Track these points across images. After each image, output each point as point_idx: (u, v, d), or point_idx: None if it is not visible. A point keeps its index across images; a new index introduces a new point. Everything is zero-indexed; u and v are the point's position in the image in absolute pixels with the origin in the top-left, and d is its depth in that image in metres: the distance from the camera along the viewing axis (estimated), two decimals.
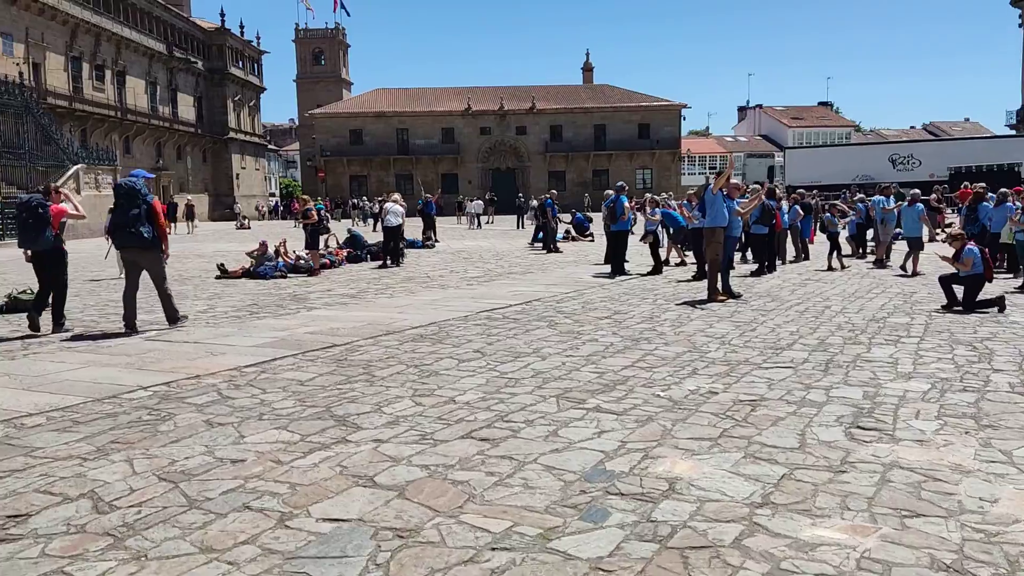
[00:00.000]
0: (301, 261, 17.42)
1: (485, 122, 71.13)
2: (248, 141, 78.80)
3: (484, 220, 45.62)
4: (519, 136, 71.46)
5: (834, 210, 18.25)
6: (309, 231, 17.60)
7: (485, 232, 38.04)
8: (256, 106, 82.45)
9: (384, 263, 18.80)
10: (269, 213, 73.39)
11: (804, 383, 6.34)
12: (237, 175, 74.83)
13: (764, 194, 16.08)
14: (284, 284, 15.15)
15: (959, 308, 10.34)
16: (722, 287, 11.73)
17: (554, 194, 24.68)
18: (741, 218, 12.80)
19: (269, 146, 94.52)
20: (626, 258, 16.18)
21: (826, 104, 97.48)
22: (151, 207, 9.36)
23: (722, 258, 11.66)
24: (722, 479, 4.19)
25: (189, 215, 43.76)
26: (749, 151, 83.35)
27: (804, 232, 19.45)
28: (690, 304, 11.24)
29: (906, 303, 11.15)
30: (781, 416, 5.38)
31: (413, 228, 24.60)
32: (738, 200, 12.57)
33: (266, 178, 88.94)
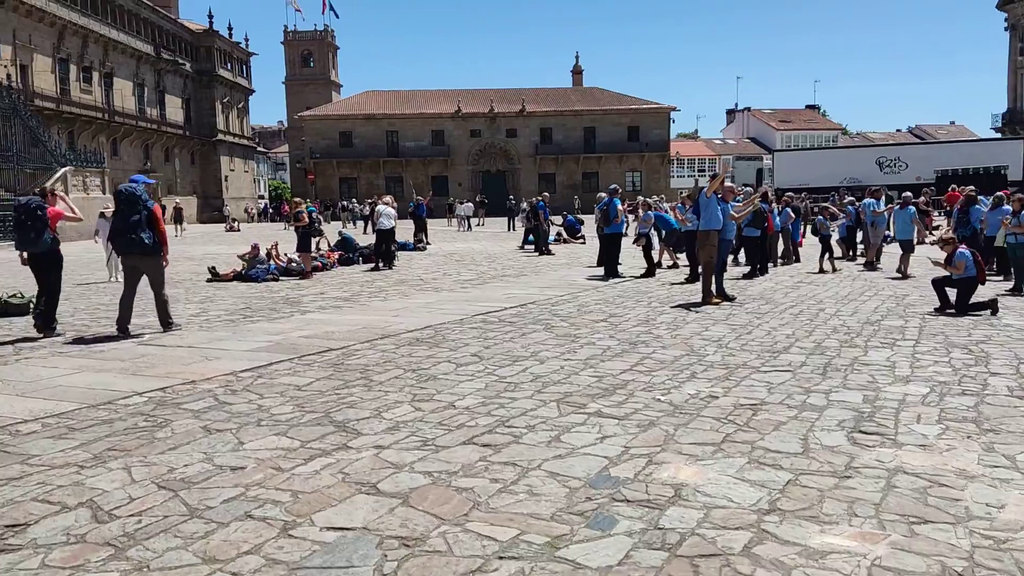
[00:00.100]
0: (293, 264, 17.34)
1: (475, 124, 71.04)
2: (237, 143, 78.47)
3: (474, 222, 45.58)
4: (509, 139, 71.37)
5: (826, 213, 18.27)
6: (300, 233, 17.52)
7: (475, 234, 37.97)
8: (245, 108, 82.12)
9: (376, 265, 18.73)
10: (258, 215, 73.12)
11: (803, 387, 6.33)
12: (226, 177, 74.51)
13: (759, 198, 16.12)
14: (276, 287, 15.07)
15: (952, 311, 10.37)
16: (716, 290, 11.74)
17: (546, 196, 24.69)
18: (735, 221, 12.81)
19: (258, 148, 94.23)
20: (619, 261, 16.17)
21: (813, 107, 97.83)
22: (151, 213, 9.31)
23: (716, 261, 11.66)
24: (728, 485, 4.17)
25: (177, 218, 43.52)
26: (738, 154, 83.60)
27: (793, 235, 19.49)
28: (685, 307, 11.23)
29: (899, 306, 11.18)
30: (783, 421, 5.36)
31: (404, 230, 24.48)
32: (732, 204, 12.58)
33: (255, 180, 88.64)
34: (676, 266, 17.79)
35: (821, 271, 16.21)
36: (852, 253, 19.52)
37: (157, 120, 63.96)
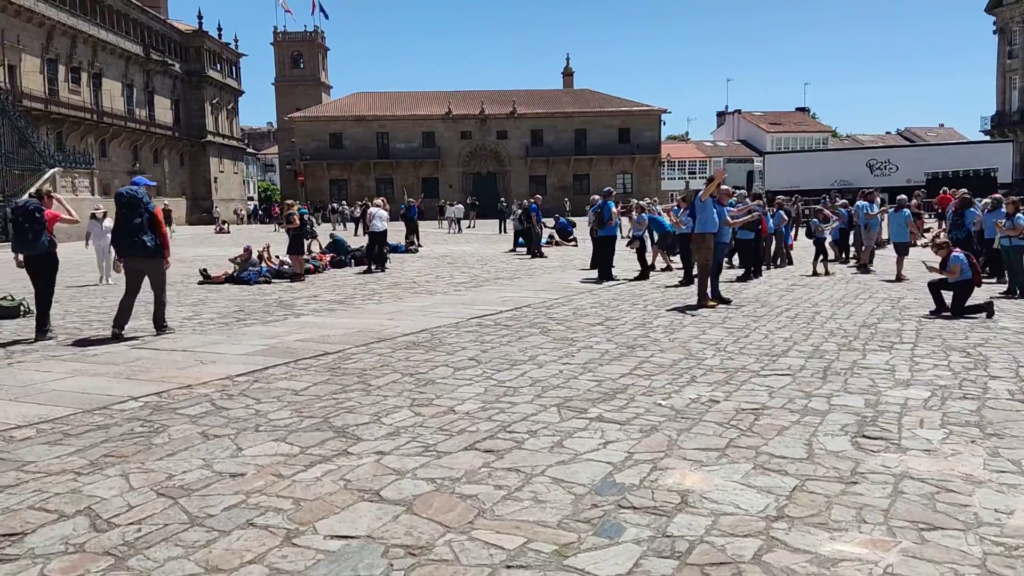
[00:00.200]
0: (285, 266, 17.26)
1: (466, 126, 71.01)
2: (226, 144, 78.18)
3: (465, 224, 45.54)
4: (500, 140, 71.38)
5: (820, 215, 18.28)
6: (292, 236, 17.44)
7: (467, 236, 37.93)
8: (234, 109, 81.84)
9: (369, 268, 18.66)
10: (248, 217, 72.86)
11: (804, 391, 6.31)
12: (215, 179, 74.24)
13: (753, 205, 16.13)
14: (269, 290, 14.99)
15: (948, 314, 10.39)
16: (712, 293, 11.72)
17: (539, 199, 24.64)
18: (729, 226, 12.79)
19: (247, 150, 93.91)
20: (613, 263, 16.15)
21: (803, 110, 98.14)
22: (153, 215, 9.26)
23: (712, 264, 11.65)
24: (734, 491, 4.13)
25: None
26: (728, 156, 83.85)
27: (784, 238, 19.51)
28: (680, 310, 11.21)
29: (894, 308, 11.19)
30: (785, 425, 5.33)
31: (395, 232, 24.44)
32: (728, 208, 12.56)
33: (244, 182, 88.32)
34: (669, 269, 17.80)
35: (814, 274, 16.22)
36: (845, 255, 19.56)
37: (146, 121, 63.70)
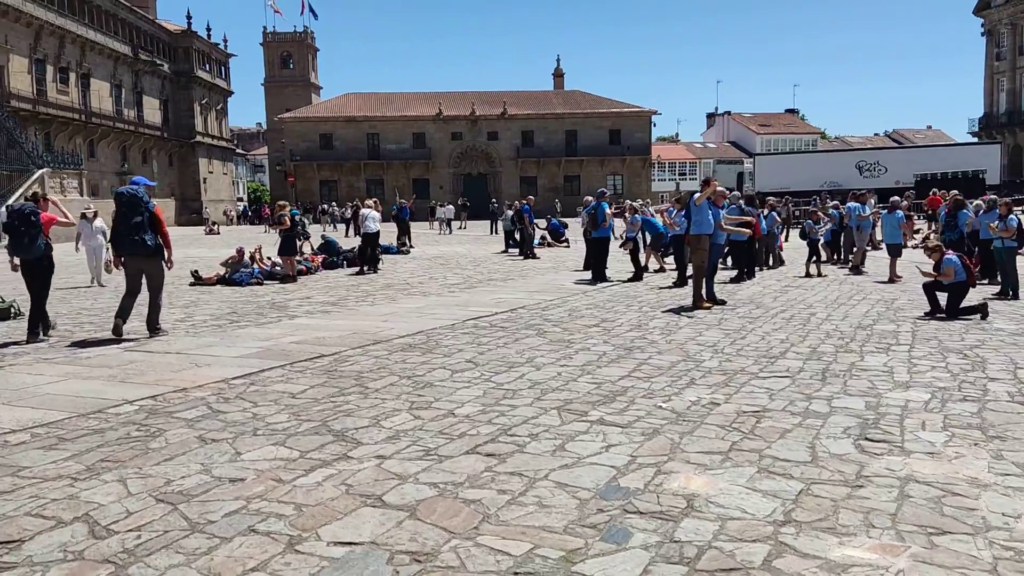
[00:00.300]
0: (277, 268, 17.17)
1: (456, 127, 70.92)
2: (215, 145, 77.88)
3: (456, 226, 45.47)
4: (491, 141, 71.32)
5: (814, 217, 18.30)
6: (283, 237, 17.36)
7: (458, 237, 37.86)
8: (223, 110, 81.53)
9: (361, 269, 18.58)
10: (237, 218, 72.58)
11: (804, 393, 6.29)
12: (204, 179, 73.94)
13: (744, 201, 16.14)
14: (261, 291, 14.90)
15: (942, 315, 10.40)
16: (707, 294, 11.71)
17: (531, 200, 24.61)
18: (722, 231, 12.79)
19: (237, 150, 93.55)
20: (606, 265, 16.12)
21: (793, 111, 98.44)
22: (153, 214, 9.20)
23: (707, 265, 11.63)
24: (740, 495, 4.10)
25: None
26: (718, 157, 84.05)
27: (775, 239, 19.50)
28: (676, 311, 11.19)
29: (889, 310, 11.19)
30: (787, 428, 5.31)
31: (387, 234, 24.36)
32: (724, 214, 12.55)
33: (234, 183, 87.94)
34: (663, 270, 17.78)
35: (807, 275, 16.24)
36: (837, 257, 19.58)
37: (134, 121, 63.39)
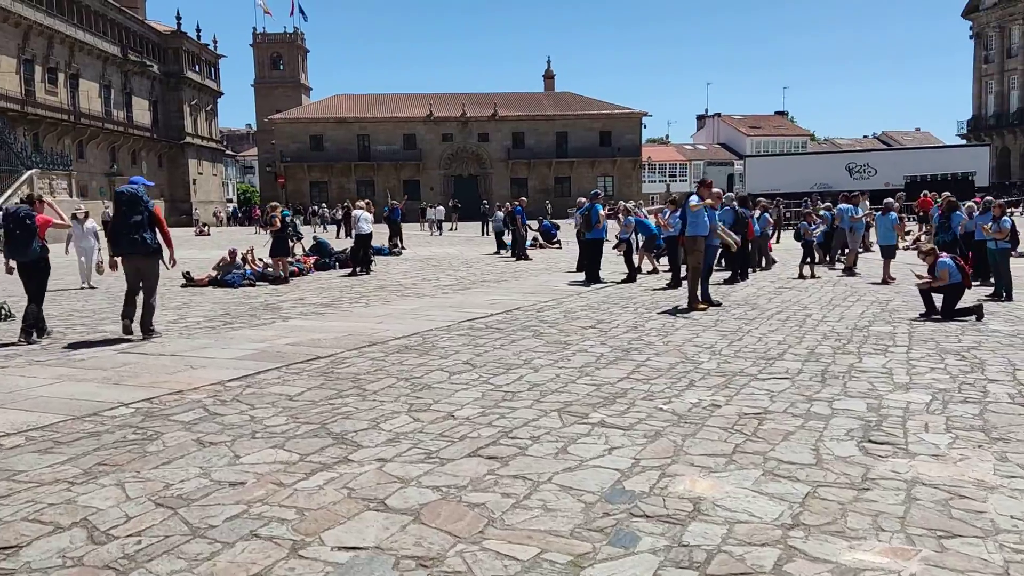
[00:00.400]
0: (268, 269, 17.08)
1: (447, 128, 70.83)
2: (205, 146, 77.60)
3: (447, 227, 45.42)
4: (481, 143, 71.28)
5: (809, 218, 18.31)
6: (275, 238, 17.27)
7: (449, 239, 37.81)
8: (213, 111, 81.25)
9: (354, 271, 18.50)
10: (227, 219, 72.32)
11: (805, 395, 6.27)
12: (194, 181, 73.65)
13: (737, 203, 16.14)
14: (254, 293, 14.81)
15: (938, 316, 10.40)
16: (701, 295, 11.69)
17: (524, 201, 24.58)
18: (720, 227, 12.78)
19: (226, 151, 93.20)
20: (600, 266, 16.09)
21: (782, 113, 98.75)
22: (152, 214, 9.16)
23: (702, 266, 11.61)
24: (746, 498, 4.07)
25: None
26: (708, 159, 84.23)
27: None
28: (671, 312, 11.17)
29: (884, 311, 11.19)
30: (790, 430, 5.28)
31: (379, 235, 24.27)
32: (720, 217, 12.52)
33: (223, 184, 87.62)
34: (656, 271, 17.77)
35: (800, 276, 16.24)
36: (829, 258, 19.60)
37: (124, 122, 63.09)
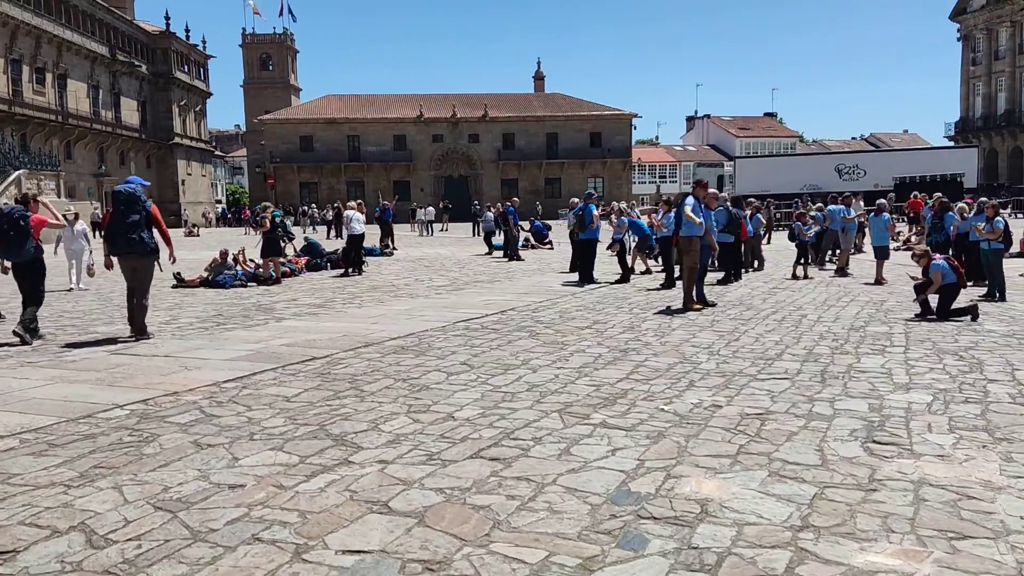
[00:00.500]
0: (260, 270, 16.98)
1: (437, 129, 70.73)
2: (194, 147, 77.25)
3: (438, 228, 45.34)
4: (471, 144, 71.20)
5: (804, 219, 18.32)
6: (266, 239, 17.16)
7: (440, 240, 37.73)
8: (202, 111, 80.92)
9: (346, 271, 18.42)
10: (216, 220, 72.00)
11: (805, 395, 6.24)
12: (183, 181, 73.29)
13: (730, 203, 16.13)
14: (246, 293, 14.71)
15: (933, 317, 10.41)
16: (696, 296, 11.66)
17: (516, 202, 24.54)
18: (716, 229, 12.76)
19: (216, 152, 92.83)
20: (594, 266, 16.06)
21: (771, 115, 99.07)
22: (150, 213, 9.10)
23: (698, 267, 11.58)
24: (754, 500, 4.03)
25: None
26: (698, 160, 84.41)
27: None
28: (666, 313, 11.14)
29: (879, 311, 11.19)
30: (793, 431, 5.25)
31: (370, 235, 24.17)
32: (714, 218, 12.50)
33: (212, 185, 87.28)
34: (649, 272, 17.75)
35: (794, 277, 16.24)
36: (819, 259, 19.62)
37: (112, 123, 62.72)
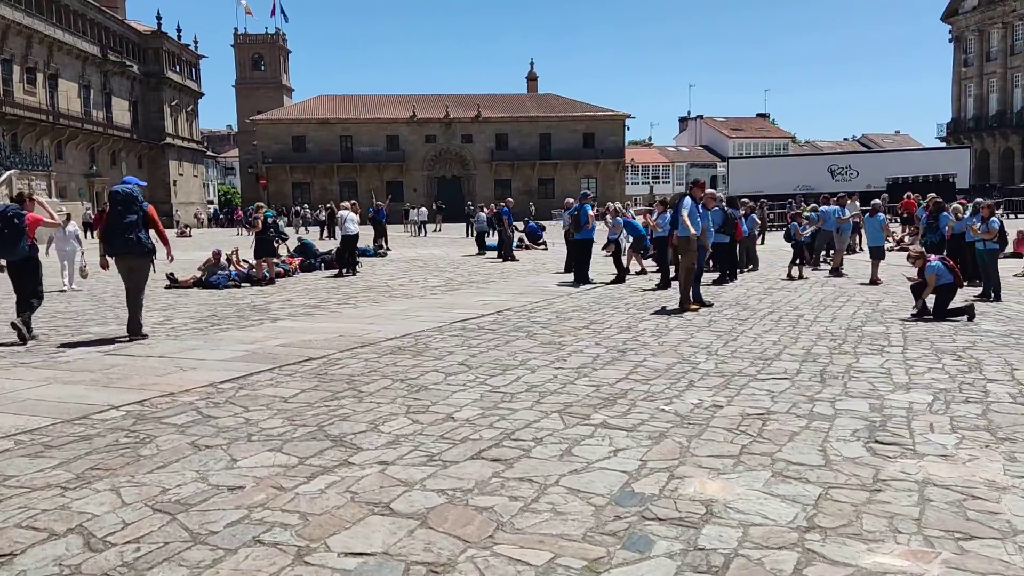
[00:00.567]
0: (254, 270, 16.90)
1: (430, 130, 70.61)
2: (186, 147, 76.97)
3: (431, 228, 45.27)
4: (465, 144, 71.12)
5: (800, 219, 18.34)
6: (258, 239, 17.08)
7: (434, 240, 37.67)
8: (194, 111, 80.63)
9: (340, 272, 18.36)
10: (208, 221, 71.76)
11: (806, 395, 6.22)
12: (174, 182, 73.02)
13: (726, 203, 16.13)
14: (239, 294, 14.64)
15: (929, 316, 10.41)
16: (693, 296, 11.64)
17: (511, 202, 24.49)
18: (712, 229, 12.74)
19: (207, 152, 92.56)
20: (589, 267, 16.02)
21: (764, 116, 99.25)
22: (147, 214, 9.07)
23: (695, 267, 11.56)
24: (758, 500, 4.00)
25: None
26: (691, 161, 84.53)
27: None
28: (663, 313, 11.12)
29: (875, 311, 11.19)
30: (795, 431, 5.22)
31: (364, 236, 24.10)
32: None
33: (204, 185, 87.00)
34: (644, 272, 17.73)
35: (789, 277, 16.25)
36: (813, 259, 19.64)
37: (103, 123, 62.44)
